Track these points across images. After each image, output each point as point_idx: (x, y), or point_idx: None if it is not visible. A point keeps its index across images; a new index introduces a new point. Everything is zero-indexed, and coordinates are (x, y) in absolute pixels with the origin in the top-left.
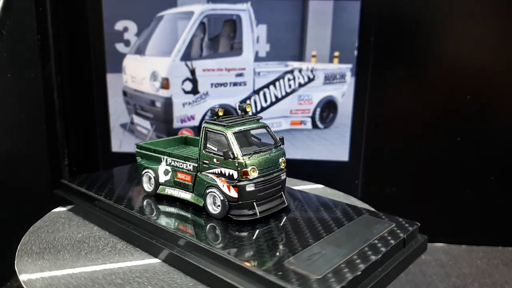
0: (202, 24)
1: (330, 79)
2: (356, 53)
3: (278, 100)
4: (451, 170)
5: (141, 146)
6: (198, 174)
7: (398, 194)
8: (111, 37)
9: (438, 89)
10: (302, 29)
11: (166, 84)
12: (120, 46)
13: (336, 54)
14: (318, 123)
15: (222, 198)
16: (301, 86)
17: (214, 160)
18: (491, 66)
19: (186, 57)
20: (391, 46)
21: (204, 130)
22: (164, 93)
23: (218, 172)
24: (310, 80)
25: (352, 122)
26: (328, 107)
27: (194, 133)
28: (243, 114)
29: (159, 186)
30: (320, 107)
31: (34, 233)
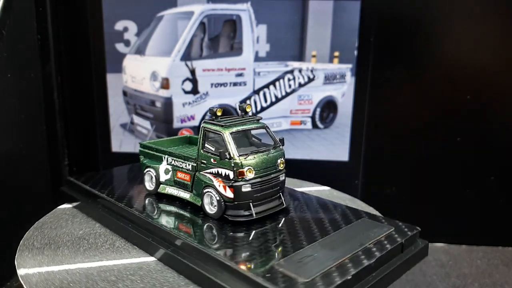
0: (202, 24)
1: (330, 79)
2: (356, 53)
3: (278, 100)
4: (451, 170)
5: (144, 145)
6: (196, 174)
7: (398, 194)
8: (111, 37)
9: (438, 89)
10: (302, 29)
11: (166, 84)
12: (120, 46)
13: (336, 54)
14: (318, 123)
15: (218, 198)
16: (301, 86)
17: (212, 160)
18: (491, 66)
19: (186, 57)
20: (391, 46)
21: (202, 130)
22: (164, 93)
23: (215, 172)
24: (310, 80)
25: (352, 122)
26: (328, 107)
27: (194, 133)
28: (243, 114)
29: (160, 185)
30: (320, 107)
31: (38, 228)
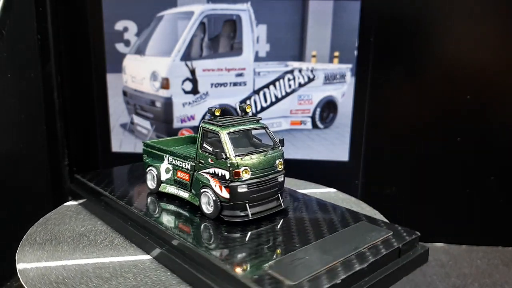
0: (202, 24)
1: (330, 79)
2: (356, 53)
3: (278, 100)
4: (451, 170)
5: (147, 144)
6: (195, 174)
7: (398, 194)
8: (111, 37)
9: (438, 89)
10: (302, 29)
11: (166, 84)
12: (120, 46)
13: (336, 54)
14: (318, 123)
15: (215, 198)
16: (301, 86)
17: (209, 160)
18: (491, 66)
19: (186, 57)
20: (391, 46)
21: (201, 130)
22: (164, 93)
23: (212, 172)
24: (310, 80)
25: (352, 122)
26: (328, 107)
27: (194, 133)
28: (243, 114)
29: (161, 184)
30: (320, 107)
31: (42, 224)
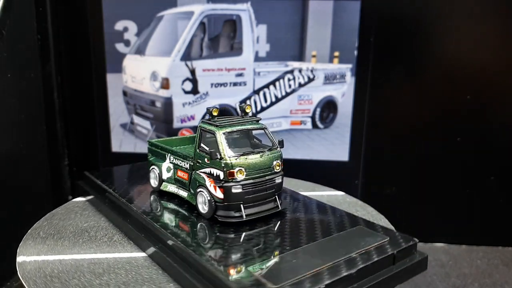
0: (202, 24)
1: (330, 79)
2: (356, 53)
3: (278, 100)
4: (451, 170)
5: (151, 143)
6: (192, 173)
7: (398, 194)
8: (111, 37)
9: (438, 89)
10: (302, 29)
11: (166, 84)
12: (120, 46)
13: (336, 54)
14: (318, 123)
15: (209, 198)
16: (301, 86)
17: (205, 159)
18: (491, 66)
19: (186, 57)
20: (391, 46)
21: (199, 130)
22: (164, 93)
23: (208, 172)
24: (310, 80)
25: (352, 122)
26: (328, 107)
27: (194, 133)
28: (243, 114)
29: (162, 182)
30: (320, 107)
31: (48, 219)
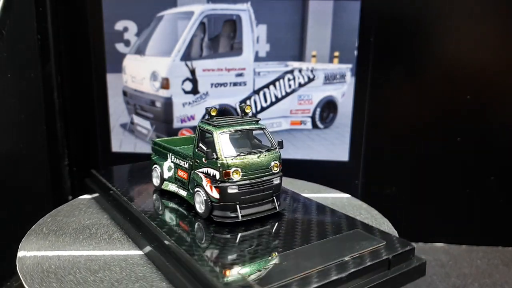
0: (202, 24)
1: (330, 79)
2: (356, 53)
3: (278, 100)
4: (451, 170)
5: (155, 143)
6: (191, 172)
7: (398, 194)
8: (111, 37)
9: (438, 89)
10: (302, 29)
11: (166, 84)
12: (120, 46)
13: (336, 54)
14: (318, 123)
15: (205, 198)
16: (301, 86)
17: (203, 159)
18: (491, 66)
19: (186, 57)
20: (391, 46)
21: (198, 129)
22: (164, 93)
23: (205, 171)
24: (310, 80)
25: (352, 122)
26: (328, 107)
27: (194, 133)
28: (243, 115)
29: (164, 181)
30: (320, 107)
31: (54, 215)
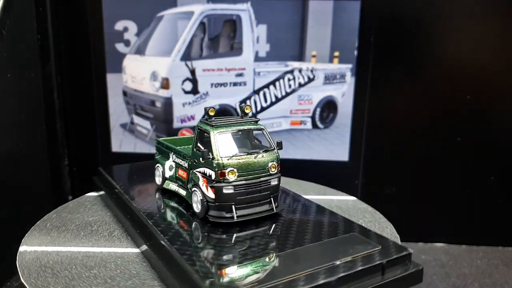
0: (202, 24)
1: (330, 79)
2: (356, 53)
3: (278, 100)
4: (451, 170)
5: (158, 142)
6: (190, 172)
7: (398, 194)
8: (111, 37)
9: (438, 89)
10: (302, 29)
11: (166, 84)
12: (120, 46)
13: (336, 54)
14: (318, 123)
15: (201, 198)
16: (301, 86)
17: (200, 159)
18: (491, 66)
19: (186, 57)
20: (391, 46)
21: (197, 129)
22: (164, 93)
23: (202, 171)
24: (310, 80)
25: (352, 122)
26: (328, 107)
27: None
28: (242, 115)
29: (165, 180)
30: (320, 107)
31: (59, 211)
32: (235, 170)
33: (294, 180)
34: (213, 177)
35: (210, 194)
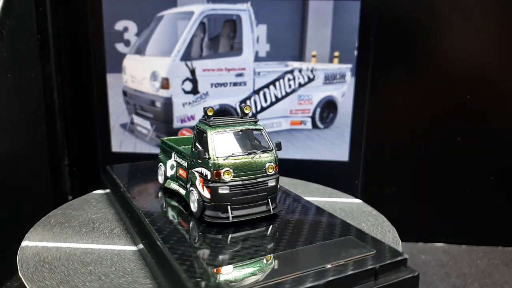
0: (202, 24)
1: (330, 79)
2: (356, 53)
3: (278, 100)
4: (451, 170)
5: (162, 141)
6: (189, 171)
7: (398, 194)
8: (111, 37)
9: (438, 89)
10: (302, 29)
11: (166, 84)
12: (120, 46)
13: (336, 54)
14: (318, 123)
15: (198, 198)
16: (301, 86)
17: (198, 159)
18: (491, 66)
19: (186, 57)
20: (391, 46)
21: (196, 129)
22: (164, 93)
23: (199, 171)
24: (310, 80)
25: (352, 122)
26: (328, 107)
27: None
28: (242, 115)
29: (167, 179)
30: (320, 107)
31: (65, 208)
32: (231, 171)
33: (301, 181)
34: (209, 177)
35: (206, 194)
